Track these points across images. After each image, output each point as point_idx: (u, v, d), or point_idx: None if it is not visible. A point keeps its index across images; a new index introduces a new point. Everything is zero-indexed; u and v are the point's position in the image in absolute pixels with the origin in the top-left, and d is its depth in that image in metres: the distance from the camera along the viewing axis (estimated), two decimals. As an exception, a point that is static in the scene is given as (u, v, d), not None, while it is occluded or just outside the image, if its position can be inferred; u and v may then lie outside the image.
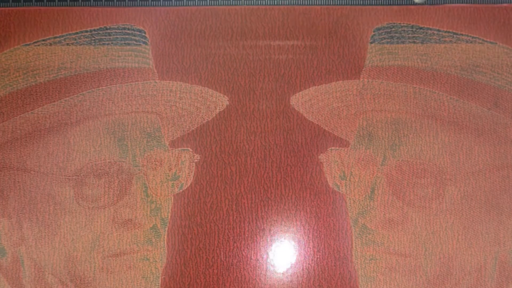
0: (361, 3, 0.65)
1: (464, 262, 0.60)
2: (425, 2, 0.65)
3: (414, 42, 0.63)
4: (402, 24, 0.64)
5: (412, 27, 0.64)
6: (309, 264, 0.60)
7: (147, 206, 0.61)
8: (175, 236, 0.61)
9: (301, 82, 0.63)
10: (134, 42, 0.64)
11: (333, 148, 0.62)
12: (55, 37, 0.64)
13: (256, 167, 0.62)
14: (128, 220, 0.60)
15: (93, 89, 0.62)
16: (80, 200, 0.60)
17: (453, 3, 0.65)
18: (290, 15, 0.64)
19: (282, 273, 0.60)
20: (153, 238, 0.60)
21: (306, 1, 0.65)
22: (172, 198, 0.61)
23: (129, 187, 0.61)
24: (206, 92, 0.63)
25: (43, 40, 0.64)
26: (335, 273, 0.60)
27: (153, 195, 0.61)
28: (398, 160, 0.61)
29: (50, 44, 0.64)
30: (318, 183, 0.61)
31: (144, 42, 0.64)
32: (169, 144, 0.62)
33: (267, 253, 0.61)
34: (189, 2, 0.65)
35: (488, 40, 0.64)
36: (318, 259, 0.60)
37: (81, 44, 0.64)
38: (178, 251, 0.60)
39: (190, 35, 0.64)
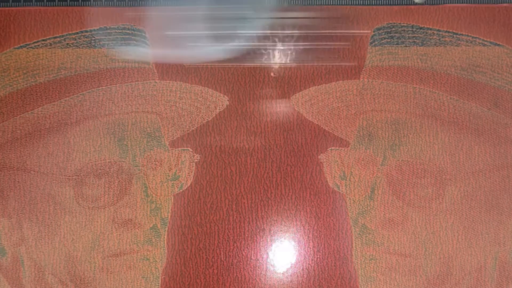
0: (361, 3, 0.65)
1: (464, 262, 0.60)
2: (425, 2, 0.65)
3: (414, 42, 0.63)
4: (402, 24, 0.64)
5: (412, 27, 0.64)
6: (309, 264, 0.60)
7: (147, 206, 0.61)
8: (175, 236, 0.61)
9: (301, 82, 0.63)
10: (134, 42, 0.64)
11: (333, 148, 0.62)
12: (55, 37, 0.64)
13: (256, 167, 0.62)
14: (128, 220, 0.60)
15: (93, 89, 0.62)
16: (80, 200, 0.60)
17: (453, 3, 0.65)
18: (290, 15, 0.64)
19: (282, 273, 0.60)
20: (153, 238, 0.60)
21: (306, 1, 0.65)
22: (172, 198, 0.61)
23: (129, 187, 0.61)
24: (206, 92, 0.63)
25: (43, 40, 0.64)
26: (335, 273, 0.60)
27: (153, 195, 0.61)
28: (398, 160, 0.61)
29: (50, 44, 0.64)
30: (318, 183, 0.61)
31: (144, 42, 0.64)
32: (169, 144, 0.62)
33: (267, 253, 0.61)
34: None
35: (488, 40, 0.64)
36: (318, 259, 0.60)
37: (81, 44, 0.64)
38: (178, 251, 0.60)
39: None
